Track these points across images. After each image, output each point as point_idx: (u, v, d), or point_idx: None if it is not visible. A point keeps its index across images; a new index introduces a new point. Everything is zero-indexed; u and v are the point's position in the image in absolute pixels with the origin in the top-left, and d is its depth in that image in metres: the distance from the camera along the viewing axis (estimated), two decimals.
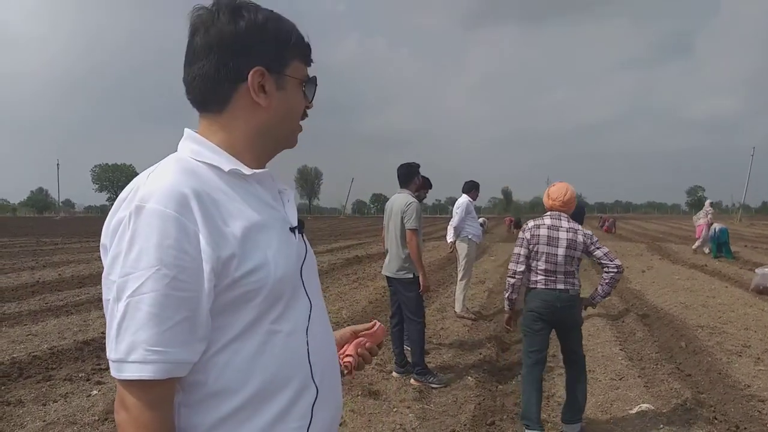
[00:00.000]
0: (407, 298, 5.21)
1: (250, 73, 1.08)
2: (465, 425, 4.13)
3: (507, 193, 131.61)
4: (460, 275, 8.05)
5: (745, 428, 4.09)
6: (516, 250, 4.09)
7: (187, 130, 1.13)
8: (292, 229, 1.15)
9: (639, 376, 5.39)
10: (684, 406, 4.57)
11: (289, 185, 1.23)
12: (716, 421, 4.24)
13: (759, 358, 5.94)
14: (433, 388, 5.00)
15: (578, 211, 8.04)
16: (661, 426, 4.21)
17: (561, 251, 3.92)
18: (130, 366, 0.94)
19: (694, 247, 17.70)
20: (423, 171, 5.83)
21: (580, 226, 4.08)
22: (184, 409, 1.02)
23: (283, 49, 1.12)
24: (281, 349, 1.06)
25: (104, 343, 4.27)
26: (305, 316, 1.12)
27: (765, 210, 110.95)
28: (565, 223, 4.01)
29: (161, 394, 0.97)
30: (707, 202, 18.31)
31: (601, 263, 4.00)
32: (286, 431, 1.07)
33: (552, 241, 3.95)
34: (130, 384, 0.95)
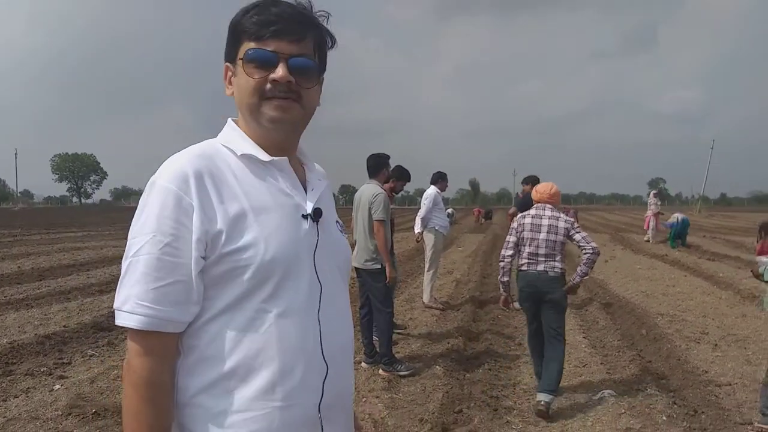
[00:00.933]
0: (375, 288, 5.23)
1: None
2: (433, 413, 4.18)
3: (474, 185, 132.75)
4: (427, 266, 8.10)
5: (703, 412, 4.23)
6: (507, 237, 4.70)
7: (229, 119, 1.25)
8: (305, 216, 1.20)
9: (602, 363, 5.53)
10: (645, 392, 4.70)
11: (323, 177, 1.33)
12: (675, 406, 4.38)
13: (716, 345, 6.14)
14: (401, 376, 5.04)
15: None
16: (623, 411, 4.33)
17: (542, 235, 4.46)
18: (122, 314, 1.07)
19: (645, 239, 18.18)
20: (394, 162, 5.84)
21: (562, 214, 4.60)
22: (181, 370, 1.12)
23: (233, 38, 1.19)
24: (270, 328, 1.11)
25: (66, 337, 4.21)
26: (310, 299, 1.17)
27: (723, 201, 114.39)
28: (548, 212, 4.56)
29: (151, 346, 1.08)
30: (651, 194, 18.79)
31: (580, 245, 4.49)
32: (271, 407, 1.11)
33: (535, 228, 4.51)
34: (129, 332, 1.09)
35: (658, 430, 3.98)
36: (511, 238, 4.63)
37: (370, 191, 5.32)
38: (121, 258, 1.15)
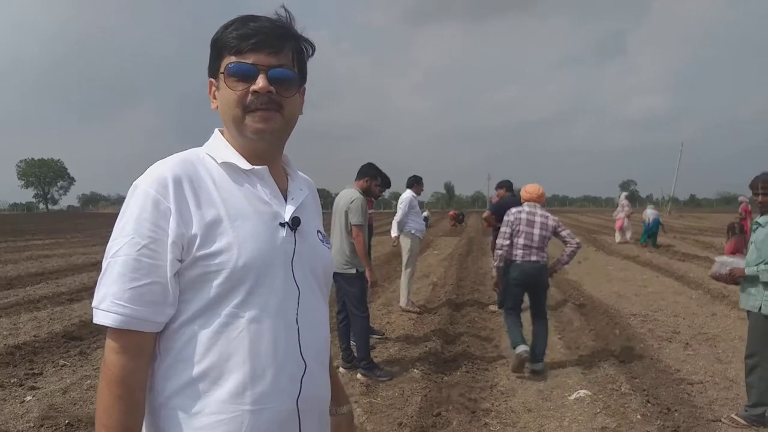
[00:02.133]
0: (350, 293, 5.23)
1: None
2: (412, 417, 4.18)
3: (449, 188, 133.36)
4: (404, 269, 8.12)
5: (676, 410, 4.31)
6: (503, 229, 5.37)
7: (216, 129, 1.29)
8: (282, 224, 1.22)
9: (577, 364, 5.61)
10: (619, 391, 4.78)
11: (306, 186, 1.36)
12: (649, 405, 4.45)
13: (687, 344, 6.27)
14: (380, 381, 5.04)
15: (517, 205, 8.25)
16: (599, 411, 4.39)
17: (536, 231, 5.24)
18: (99, 313, 1.11)
19: (618, 241, 18.50)
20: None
21: (549, 213, 5.39)
22: (156, 373, 1.15)
23: (215, 53, 1.23)
24: (242, 333, 1.14)
25: (36, 348, 4.13)
26: (286, 304, 1.20)
27: (693, 202, 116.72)
28: (539, 211, 5.38)
29: (126, 344, 1.11)
30: (622, 196, 19.16)
31: (565, 241, 5.36)
32: (241, 410, 1.13)
33: (530, 224, 5.27)
34: (107, 330, 1.12)
35: (632, 429, 4.04)
36: (507, 230, 5.33)
37: (348, 196, 5.34)
38: (91, 266, 1.15)
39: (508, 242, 5.32)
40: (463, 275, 11.65)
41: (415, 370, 5.30)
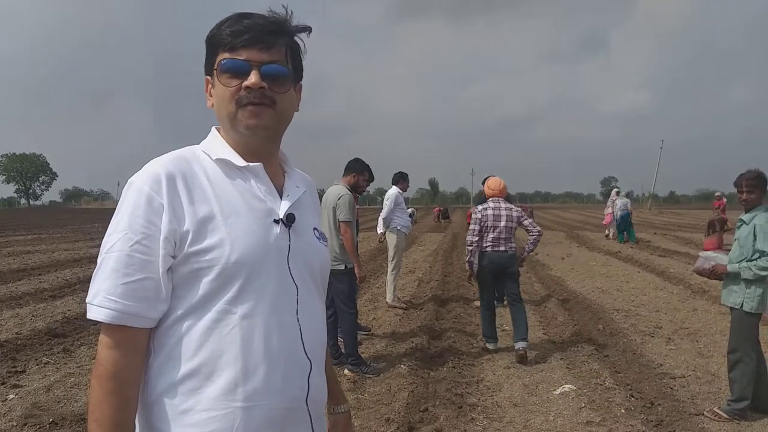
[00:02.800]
0: (339, 289, 5.23)
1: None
2: (399, 413, 4.20)
3: (434, 184, 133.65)
4: (390, 266, 8.14)
5: (659, 404, 4.38)
6: (471, 227, 5.86)
7: (213, 127, 1.30)
8: (276, 221, 1.23)
9: (561, 359, 5.67)
10: (603, 386, 4.84)
11: (303, 184, 1.36)
12: (633, 399, 4.52)
13: (670, 338, 6.37)
14: (367, 377, 5.06)
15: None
16: (584, 405, 4.45)
17: (503, 223, 5.75)
18: (92, 308, 1.11)
19: (609, 236, 18.75)
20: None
21: (513, 206, 5.93)
22: (150, 369, 1.16)
23: (210, 51, 1.24)
24: (234, 330, 1.14)
25: (19, 345, 4.08)
26: (284, 301, 1.20)
27: (672, 199, 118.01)
28: (503, 204, 5.86)
29: (118, 339, 1.12)
30: (613, 192, 19.39)
31: (528, 229, 5.88)
32: (232, 407, 1.13)
33: (496, 218, 5.77)
34: (101, 326, 1.12)
35: (617, 423, 4.10)
36: (476, 227, 5.81)
37: (335, 192, 5.35)
38: (74, 262, 1.16)
39: (477, 239, 5.79)
40: (448, 271, 11.70)
41: (401, 365, 5.33)
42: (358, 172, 5.72)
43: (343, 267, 5.21)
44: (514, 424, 4.17)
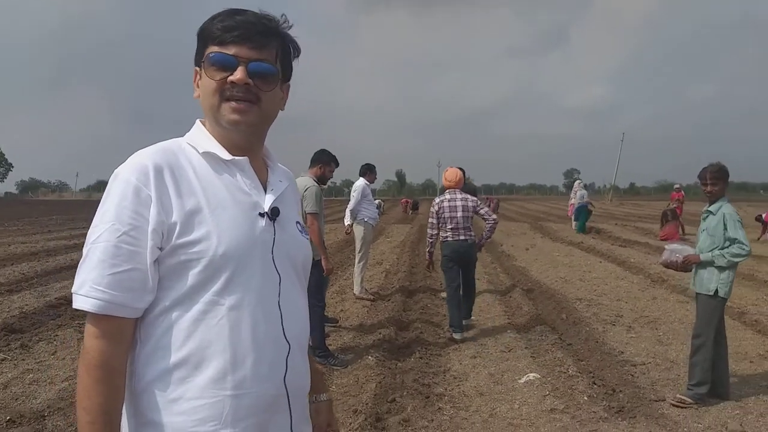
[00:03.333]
0: (311, 279, 5.20)
1: None
2: (367, 404, 4.21)
3: (400, 176, 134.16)
4: (357, 257, 8.14)
5: (621, 391, 4.49)
6: (430, 220, 6.25)
7: (197, 120, 1.31)
8: (261, 215, 1.25)
9: (526, 348, 5.76)
10: (567, 374, 4.94)
11: (286, 178, 1.39)
12: (595, 386, 4.62)
13: (630, 327, 6.53)
14: (335, 369, 5.05)
15: (470, 193, 8.41)
16: (548, 393, 4.53)
17: (459, 213, 6.06)
18: (78, 297, 1.13)
19: (574, 228, 19.11)
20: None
21: (469, 195, 6.21)
22: (137, 359, 1.17)
23: (201, 42, 1.26)
24: (222, 320, 1.17)
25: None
26: (268, 290, 1.23)
27: (633, 190, 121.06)
28: (459, 195, 6.15)
29: (105, 329, 1.13)
30: (576, 183, 19.77)
31: (485, 218, 6.28)
32: (222, 395, 1.16)
33: (452, 209, 6.07)
34: (87, 315, 1.14)
35: (580, 410, 4.19)
36: (433, 220, 6.19)
37: (302, 184, 5.32)
38: (31, 255, 1.12)
39: (435, 231, 6.19)
40: (415, 262, 11.75)
41: (369, 357, 5.34)
42: (325, 163, 5.69)
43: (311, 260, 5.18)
44: (480, 412, 4.23)
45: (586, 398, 4.39)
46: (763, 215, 15.90)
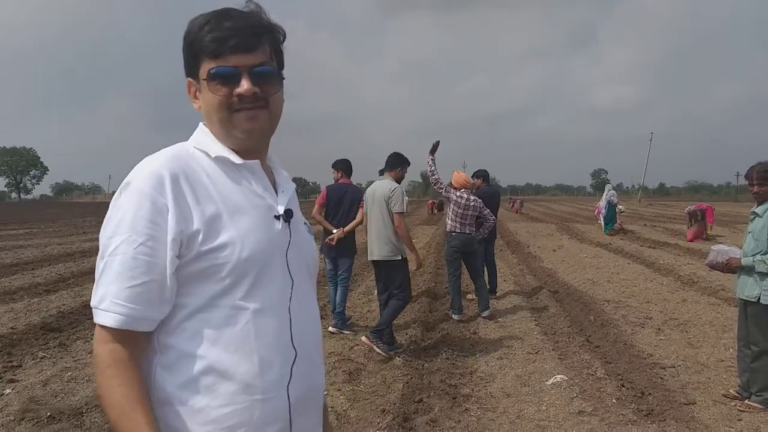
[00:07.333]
0: (394, 278, 5.65)
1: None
2: (394, 404, 4.26)
3: (426, 178, 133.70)
4: None
5: (650, 394, 4.46)
6: (443, 182, 7.16)
7: (200, 123, 1.28)
8: (277, 217, 1.25)
9: (553, 349, 5.74)
10: (594, 376, 4.92)
11: (289, 179, 1.38)
12: (624, 389, 4.60)
13: (659, 329, 6.46)
14: (390, 354, 5.42)
15: (494, 195, 8.44)
16: (575, 395, 4.52)
17: (470, 212, 7.05)
18: (99, 313, 1.11)
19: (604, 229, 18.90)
20: (340, 155, 6.13)
21: (476, 198, 7.19)
22: (159, 368, 1.15)
23: (191, 54, 1.22)
24: (248, 324, 1.16)
25: (14, 340, 4.12)
26: (284, 294, 1.23)
27: (662, 191, 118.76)
28: (466, 194, 7.10)
29: (120, 339, 1.11)
30: (607, 187, 19.50)
31: (485, 218, 7.26)
32: (251, 400, 1.15)
33: (463, 206, 7.03)
34: (99, 326, 1.12)
35: (608, 412, 4.18)
36: (443, 187, 7.17)
37: (386, 186, 5.67)
38: (67, 256, 1.16)
39: (437, 177, 7.12)
40: (441, 263, 11.72)
41: (396, 357, 5.39)
42: (402, 166, 5.95)
43: (399, 257, 5.60)
44: (507, 414, 4.24)
45: (614, 401, 4.37)
46: None
